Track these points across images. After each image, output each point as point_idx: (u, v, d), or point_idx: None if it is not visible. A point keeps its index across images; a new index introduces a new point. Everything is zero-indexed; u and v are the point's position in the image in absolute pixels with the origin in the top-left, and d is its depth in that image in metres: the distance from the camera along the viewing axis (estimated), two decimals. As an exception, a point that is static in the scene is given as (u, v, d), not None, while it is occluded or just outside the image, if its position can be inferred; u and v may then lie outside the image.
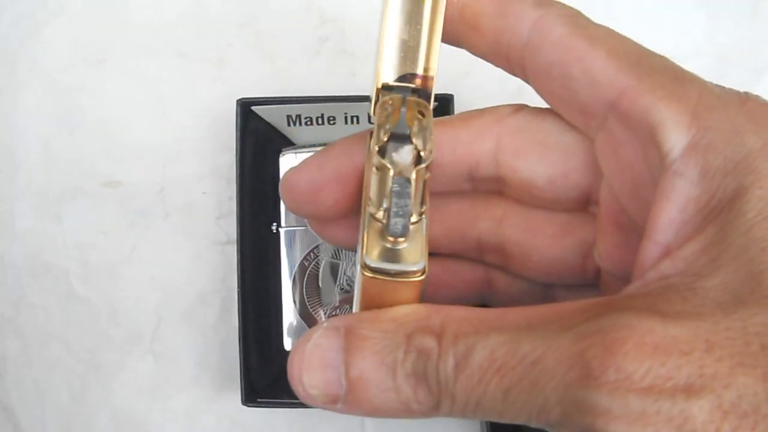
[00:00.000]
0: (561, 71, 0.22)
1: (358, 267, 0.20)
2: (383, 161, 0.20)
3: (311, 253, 0.38)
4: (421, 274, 0.20)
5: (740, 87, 0.43)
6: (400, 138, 0.21)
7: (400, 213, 0.19)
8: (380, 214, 0.20)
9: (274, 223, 0.39)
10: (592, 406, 0.17)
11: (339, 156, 0.25)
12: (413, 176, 0.20)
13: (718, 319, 0.17)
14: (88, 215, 0.43)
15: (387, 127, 0.21)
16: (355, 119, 0.39)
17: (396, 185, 0.19)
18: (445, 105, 0.38)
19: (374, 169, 0.20)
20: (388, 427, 0.42)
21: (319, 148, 0.38)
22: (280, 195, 0.26)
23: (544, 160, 0.25)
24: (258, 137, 0.39)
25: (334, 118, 0.39)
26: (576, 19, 0.22)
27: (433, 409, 0.19)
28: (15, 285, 0.43)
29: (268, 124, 0.39)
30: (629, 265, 0.23)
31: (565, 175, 0.24)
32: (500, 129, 0.25)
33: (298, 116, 0.39)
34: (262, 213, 0.39)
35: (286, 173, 0.25)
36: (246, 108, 0.38)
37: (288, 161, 0.38)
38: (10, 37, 0.45)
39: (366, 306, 0.21)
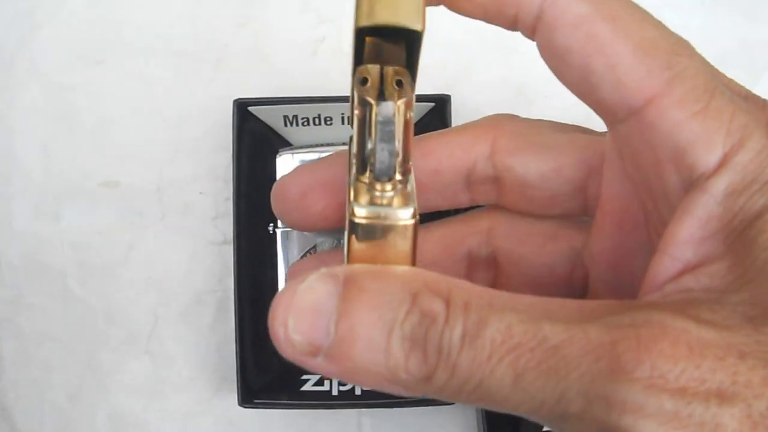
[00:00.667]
0: (580, 61, 0.20)
1: (347, 227, 0.20)
2: (365, 96, 0.19)
3: (307, 254, 0.38)
4: (412, 218, 0.19)
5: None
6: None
7: (386, 139, 0.19)
8: (366, 177, 0.20)
9: (271, 224, 0.39)
10: (621, 401, 0.16)
11: (331, 163, 0.25)
12: (395, 107, 0.19)
13: (748, 332, 0.17)
14: (86, 215, 0.43)
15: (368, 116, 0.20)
16: (351, 120, 0.39)
17: (380, 116, 0.19)
18: (441, 106, 0.38)
19: (356, 113, 0.20)
20: (385, 427, 0.42)
21: (315, 149, 0.38)
22: (271, 201, 0.26)
23: (536, 156, 0.25)
24: (255, 138, 0.39)
25: (331, 119, 0.39)
26: None
27: (422, 382, 0.18)
28: (12, 285, 0.43)
29: (265, 124, 0.39)
30: (623, 270, 0.23)
31: (557, 169, 0.24)
32: (496, 132, 0.25)
33: (295, 117, 0.39)
34: (259, 213, 0.39)
35: (279, 179, 0.26)
36: (243, 108, 0.38)
37: (285, 162, 0.38)
38: (7, 37, 0.44)
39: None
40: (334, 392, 0.38)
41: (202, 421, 0.43)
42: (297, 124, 0.39)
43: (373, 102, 0.19)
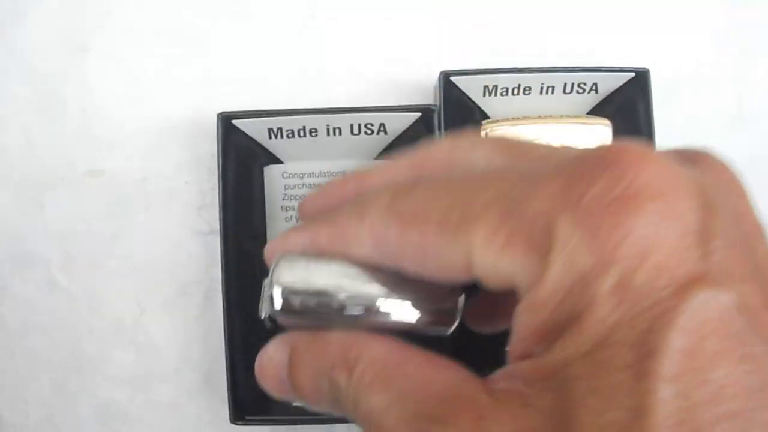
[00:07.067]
0: None
1: None
2: None
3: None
4: None
5: (732, 72, 0.42)
6: None
7: None
8: None
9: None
10: None
11: None
12: None
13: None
14: (70, 204, 0.43)
15: None
16: (336, 131, 0.38)
17: None
18: (428, 116, 0.38)
19: None
20: None
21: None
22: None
23: None
24: (239, 151, 0.39)
25: (316, 130, 0.38)
26: None
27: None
28: (-5, 274, 0.43)
29: (250, 137, 0.39)
30: None
31: None
32: None
33: (280, 129, 0.38)
34: (246, 228, 0.39)
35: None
36: (227, 121, 0.38)
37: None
38: (-11, 21, 0.44)
39: None
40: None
41: (187, 412, 0.42)
42: (282, 137, 0.38)
43: None
